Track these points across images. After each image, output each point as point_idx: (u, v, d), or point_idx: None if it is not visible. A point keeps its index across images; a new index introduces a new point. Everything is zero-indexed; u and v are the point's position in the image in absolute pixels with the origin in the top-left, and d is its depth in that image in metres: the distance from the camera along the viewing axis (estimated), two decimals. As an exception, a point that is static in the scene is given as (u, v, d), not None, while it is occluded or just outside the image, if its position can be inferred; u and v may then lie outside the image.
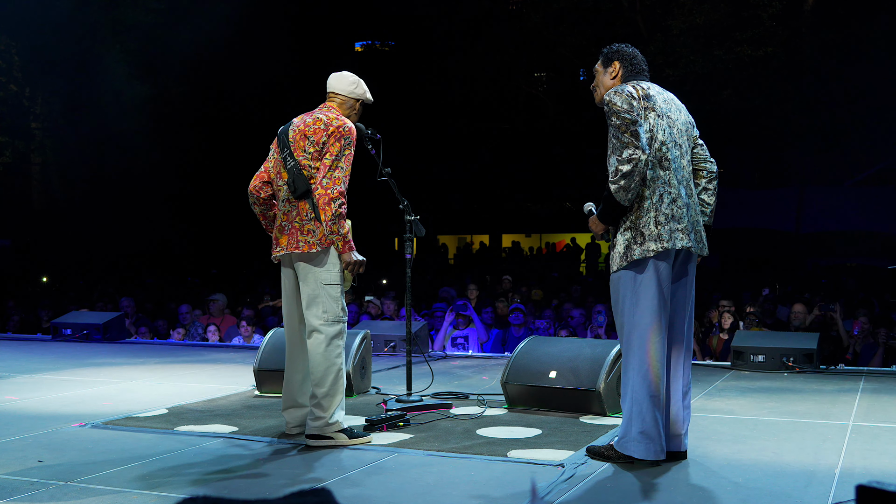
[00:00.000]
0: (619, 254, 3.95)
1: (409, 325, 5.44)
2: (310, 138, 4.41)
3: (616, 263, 3.97)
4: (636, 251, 3.88)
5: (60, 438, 4.67)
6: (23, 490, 3.69)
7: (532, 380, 5.23)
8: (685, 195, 3.97)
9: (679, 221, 3.91)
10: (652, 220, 3.88)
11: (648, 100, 3.93)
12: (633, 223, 3.92)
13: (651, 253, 3.86)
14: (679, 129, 4.03)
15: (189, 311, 10.46)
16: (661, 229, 3.87)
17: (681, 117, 4.07)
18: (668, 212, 3.89)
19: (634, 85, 3.97)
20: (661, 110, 3.95)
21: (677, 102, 4.12)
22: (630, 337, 3.93)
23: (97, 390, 6.24)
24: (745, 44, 17.80)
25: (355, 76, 4.64)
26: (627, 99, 3.88)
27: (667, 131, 3.95)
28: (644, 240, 3.88)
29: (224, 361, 7.75)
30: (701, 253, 4.05)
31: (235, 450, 4.40)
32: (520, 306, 9.61)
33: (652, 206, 3.89)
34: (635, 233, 3.90)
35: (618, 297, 3.99)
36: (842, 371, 6.68)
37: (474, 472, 3.90)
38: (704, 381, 6.21)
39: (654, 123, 3.91)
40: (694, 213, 4.02)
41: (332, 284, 4.41)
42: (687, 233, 3.93)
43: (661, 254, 3.88)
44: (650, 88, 3.99)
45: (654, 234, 3.87)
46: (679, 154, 4.00)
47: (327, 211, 4.32)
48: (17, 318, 11.76)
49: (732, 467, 3.94)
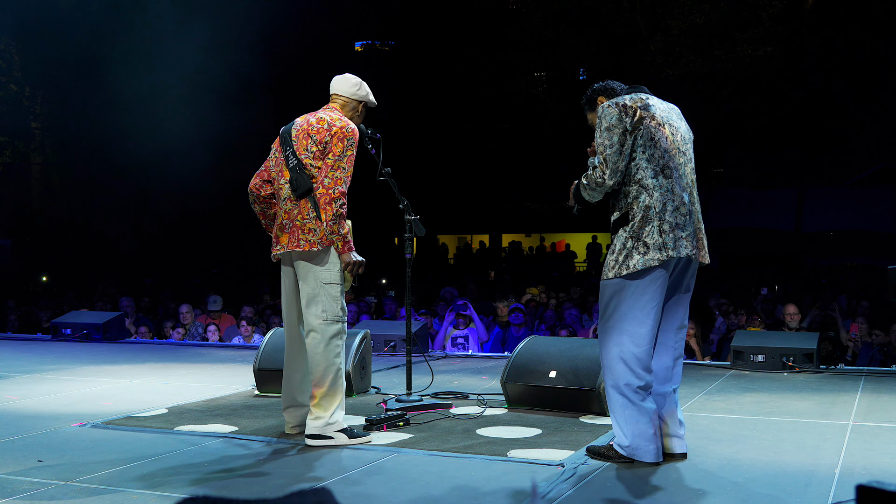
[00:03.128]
0: (618, 261, 3.89)
1: (408, 324, 5.44)
2: (313, 137, 4.41)
3: (613, 271, 3.90)
4: (639, 261, 3.83)
5: (60, 438, 4.67)
6: (23, 490, 3.69)
7: (532, 379, 5.23)
8: (688, 202, 3.95)
9: (683, 229, 3.88)
10: (656, 228, 3.84)
11: (647, 109, 3.92)
12: (634, 232, 3.87)
13: (655, 262, 3.82)
14: (683, 137, 4.03)
15: (189, 310, 10.46)
16: (666, 237, 3.84)
17: (682, 126, 4.07)
18: (671, 220, 3.86)
19: (633, 97, 3.97)
20: (661, 118, 3.94)
21: (677, 111, 4.12)
22: (621, 340, 3.90)
23: (97, 390, 6.24)
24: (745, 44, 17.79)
25: (358, 79, 4.64)
26: (619, 113, 3.88)
27: (669, 139, 3.94)
28: (648, 249, 3.83)
29: (224, 361, 7.75)
30: (702, 261, 4.02)
31: (235, 449, 4.40)
32: (520, 306, 9.60)
33: (656, 215, 3.85)
34: (637, 242, 3.85)
35: (610, 302, 3.94)
36: (842, 371, 6.67)
37: (474, 472, 3.90)
38: (704, 381, 6.21)
39: (654, 131, 3.89)
40: (697, 220, 4.00)
41: (331, 284, 4.41)
42: (690, 240, 3.90)
43: (665, 261, 3.86)
44: (649, 99, 3.99)
45: (659, 244, 3.83)
46: (683, 161, 3.98)
47: (328, 211, 4.32)
48: (16, 318, 11.76)
49: (732, 467, 3.94)
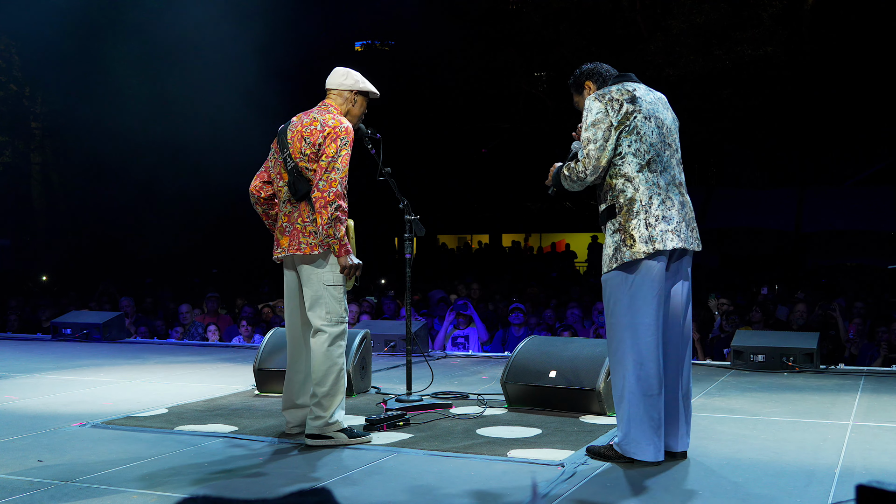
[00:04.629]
0: (609, 255, 3.98)
1: (408, 324, 5.44)
2: (306, 139, 4.37)
3: (606, 265, 4.00)
4: (626, 253, 3.90)
5: (60, 438, 4.67)
6: (23, 490, 3.69)
7: (532, 379, 5.23)
8: (676, 194, 3.99)
9: (669, 222, 3.92)
10: (642, 222, 3.89)
11: (634, 102, 3.93)
12: (621, 225, 3.94)
13: (641, 255, 3.88)
14: (668, 128, 4.06)
15: (189, 310, 10.46)
16: (652, 231, 3.89)
17: (668, 115, 4.09)
18: (657, 213, 3.91)
19: (620, 88, 3.98)
20: (647, 111, 3.96)
21: (664, 101, 4.14)
22: (623, 336, 3.93)
23: (97, 390, 6.24)
24: (745, 44, 17.77)
25: (346, 69, 4.56)
26: (605, 108, 3.89)
27: (655, 132, 3.97)
28: (634, 242, 3.89)
29: (224, 361, 7.76)
30: (695, 248, 4.05)
31: (235, 450, 4.40)
32: (520, 306, 9.60)
33: (642, 209, 3.90)
34: (625, 235, 3.92)
35: (610, 298, 4.00)
36: (842, 371, 6.67)
37: (474, 472, 3.90)
38: (704, 381, 6.21)
39: (641, 125, 3.92)
40: (688, 209, 4.04)
41: (334, 285, 4.40)
42: (677, 233, 3.94)
43: (653, 254, 3.90)
44: (636, 90, 3.99)
45: (645, 237, 3.89)
46: (669, 154, 4.02)
47: (323, 214, 4.28)
48: (16, 318, 11.76)
49: (732, 467, 3.94)
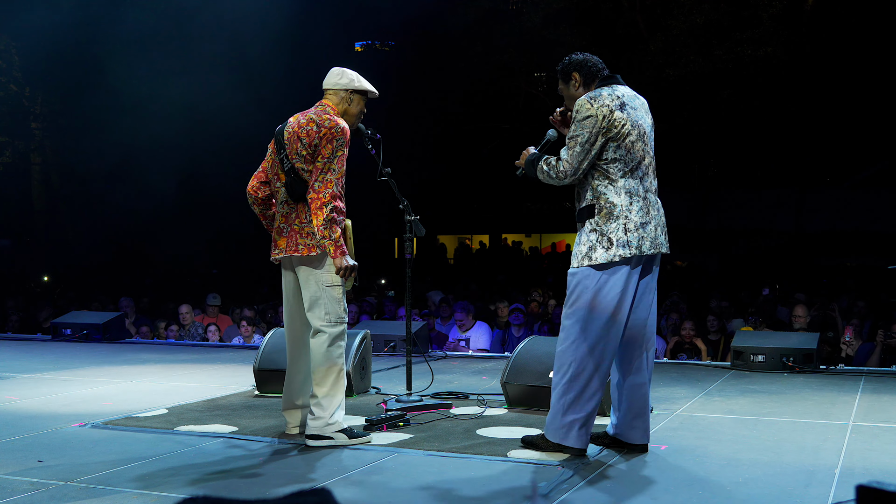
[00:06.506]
0: (582, 253, 3.98)
1: (408, 324, 5.44)
2: (302, 140, 4.35)
3: (577, 261, 4.00)
4: (601, 255, 3.92)
5: (60, 438, 4.67)
6: (23, 490, 3.69)
7: (532, 380, 5.23)
8: (653, 200, 4.04)
9: (646, 227, 3.96)
10: (622, 226, 3.92)
11: (623, 110, 3.96)
12: (598, 226, 3.95)
13: (616, 258, 3.91)
14: (648, 135, 4.10)
15: (189, 310, 10.47)
16: (630, 236, 3.92)
17: (648, 121, 4.13)
18: (636, 220, 3.94)
19: (611, 93, 3.99)
20: (633, 120, 3.99)
21: (646, 107, 4.17)
22: (582, 330, 3.95)
23: (97, 390, 6.24)
24: (745, 44, 17.79)
25: (342, 68, 4.54)
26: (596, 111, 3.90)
27: (639, 141, 4.00)
28: (611, 245, 3.91)
29: (224, 361, 7.76)
30: (664, 252, 4.09)
31: (235, 450, 4.40)
32: (519, 306, 9.60)
33: (622, 213, 3.93)
34: (601, 237, 3.94)
35: (573, 292, 4.00)
36: (842, 371, 6.67)
37: (474, 472, 3.90)
38: (704, 381, 6.22)
39: (627, 133, 3.94)
40: (662, 213, 4.09)
41: (333, 286, 4.39)
42: (652, 238, 3.98)
43: (628, 259, 3.93)
44: (624, 96, 4.02)
45: (623, 241, 3.91)
46: (648, 161, 4.06)
47: (319, 216, 4.26)
48: (16, 318, 11.76)
49: (732, 467, 3.94)
